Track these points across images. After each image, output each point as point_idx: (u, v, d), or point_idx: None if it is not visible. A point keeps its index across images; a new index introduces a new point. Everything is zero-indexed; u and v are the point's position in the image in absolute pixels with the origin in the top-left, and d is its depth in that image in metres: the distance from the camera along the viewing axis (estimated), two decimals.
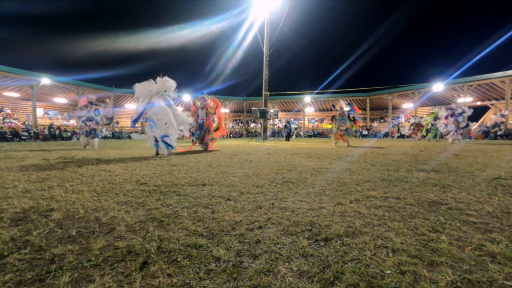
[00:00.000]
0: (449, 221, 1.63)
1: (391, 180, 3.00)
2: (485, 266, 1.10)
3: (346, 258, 1.17)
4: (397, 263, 1.12)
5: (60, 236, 1.43)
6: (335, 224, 1.60)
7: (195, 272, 1.07)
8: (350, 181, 2.96)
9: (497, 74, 22.22)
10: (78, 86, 26.55)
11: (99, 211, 1.88)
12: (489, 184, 2.76)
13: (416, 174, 3.36)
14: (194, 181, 3.00)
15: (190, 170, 3.85)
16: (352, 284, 0.98)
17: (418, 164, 4.37)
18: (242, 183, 2.86)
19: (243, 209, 1.93)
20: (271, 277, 1.03)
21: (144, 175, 3.40)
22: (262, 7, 18.73)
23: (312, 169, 3.87)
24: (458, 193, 2.37)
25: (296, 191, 2.50)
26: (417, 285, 0.97)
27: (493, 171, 3.58)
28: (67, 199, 2.20)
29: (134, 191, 2.48)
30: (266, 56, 18.95)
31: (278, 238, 1.40)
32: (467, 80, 24.07)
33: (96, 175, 3.42)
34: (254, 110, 17.62)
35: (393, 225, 1.56)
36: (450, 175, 3.27)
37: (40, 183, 2.85)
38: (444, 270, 1.06)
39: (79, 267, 1.11)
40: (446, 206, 1.97)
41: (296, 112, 37.49)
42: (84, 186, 2.73)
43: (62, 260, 1.17)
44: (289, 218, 1.72)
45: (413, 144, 11.83)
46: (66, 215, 1.79)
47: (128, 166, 4.25)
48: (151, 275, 1.05)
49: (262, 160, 5.13)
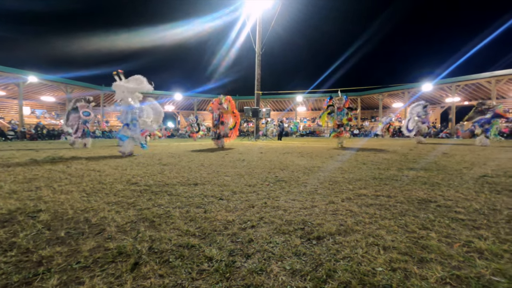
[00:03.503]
0: (438, 219, 1.66)
1: (382, 178, 3.04)
2: (473, 262, 1.12)
3: (338, 256, 1.18)
4: (388, 260, 1.14)
5: (48, 238, 1.40)
6: (327, 222, 1.61)
7: (187, 272, 1.06)
8: (342, 179, 2.98)
9: (484, 75, 22.77)
10: (67, 85, 25.99)
11: (89, 211, 1.84)
12: (476, 182, 2.82)
13: (406, 173, 3.41)
14: (186, 180, 2.97)
15: (182, 169, 3.82)
16: (344, 282, 0.99)
17: (408, 163, 4.44)
18: (234, 182, 2.85)
19: (236, 208, 1.92)
20: (263, 276, 1.03)
21: (135, 174, 3.36)
22: (254, 6, 18.73)
23: (304, 168, 3.89)
24: (446, 191, 2.42)
25: (289, 190, 2.51)
26: (407, 282, 0.98)
27: (480, 169, 3.67)
28: (55, 199, 2.15)
29: (124, 191, 2.45)
30: (258, 55, 18.96)
31: (270, 237, 1.40)
32: (455, 80, 24.59)
33: (86, 175, 3.36)
34: (247, 109, 17.58)
35: (384, 223, 1.58)
36: (439, 173, 3.33)
37: (27, 184, 2.78)
38: (434, 266, 1.08)
39: (68, 269, 1.09)
40: (435, 203, 2.01)
41: (288, 111, 37.60)
42: (73, 186, 2.68)
43: (50, 262, 1.14)
44: (281, 217, 1.72)
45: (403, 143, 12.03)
46: (54, 216, 1.75)
47: (119, 166, 4.19)
48: (142, 276, 1.03)
49: (255, 159, 5.13)
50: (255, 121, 18.84)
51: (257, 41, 18.98)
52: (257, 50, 18.93)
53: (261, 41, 19.04)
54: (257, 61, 18.98)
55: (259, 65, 19.03)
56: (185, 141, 15.87)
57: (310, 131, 33.39)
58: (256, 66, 19.01)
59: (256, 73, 19.01)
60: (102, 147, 9.29)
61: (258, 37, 19.00)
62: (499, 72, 21.84)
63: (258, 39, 18.98)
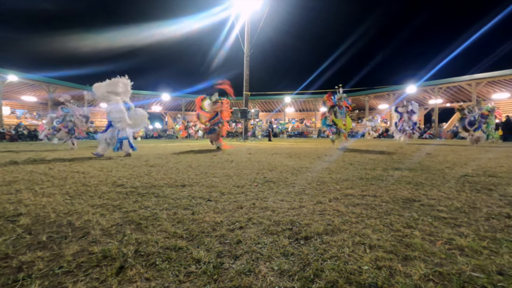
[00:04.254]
0: (421, 217, 1.70)
1: (368, 178, 3.09)
2: (454, 259, 1.16)
3: (326, 255, 1.20)
4: (374, 259, 1.16)
5: (29, 242, 1.35)
6: (315, 222, 1.62)
7: (174, 275, 1.05)
8: (329, 180, 3.02)
9: (464, 78, 23.61)
10: (49, 84, 25.17)
11: (72, 214, 1.79)
12: (457, 181, 2.92)
13: (391, 173, 3.49)
14: (174, 182, 2.94)
15: (170, 170, 3.77)
16: (331, 281, 1.00)
17: (393, 163, 4.54)
18: (223, 184, 2.83)
19: (224, 209, 1.92)
20: (252, 277, 1.03)
21: (120, 176, 3.29)
22: (242, 7, 18.74)
23: (292, 169, 3.92)
24: (430, 190, 2.49)
25: (277, 190, 2.52)
26: (392, 279, 1.00)
27: (461, 169, 3.80)
28: (37, 202, 2.08)
29: (110, 193, 2.39)
30: (247, 56, 18.98)
31: (259, 238, 1.40)
32: (438, 82, 25.41)
33: (69, 177, 3.26)
34: (235, 110, 17.54)
35: (370, 222, 1.61)
36: (422, 173, 3.43)
37: (6, 187, 2.68)
38: (417, 264, 1.11)
39: (50, 275, 1.05)
40: (419, 202, 2.06)
41: (276, 112, 37.77)
42: (55, 189, 2.60)
43: (31, 268, 1.10)
44: (270, 217, 1.73)
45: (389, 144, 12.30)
46: (36, 219, 1.69)
47: (104, 168, 4.09)
48: (128, 280, 1.01)
49: (243, 160, 5.12)
50: (244, 122, 18.83)
51: (245, 42, 19.00)
52: (246, 51, 18.95)
53: (249, 42, 19.07)
54: (246, 62, 19.00)
55: (247, 66, 19.06)
56: (173, 142, 15.67)
57: (299, 132, 33.66)
58: (244, 67, 19.03)
59: (244, 74, 19.03)
60: (87, 148, 9.05)
61: (246, 38, 19.02)
62: (479, 75, 22.72)
63: (246, 40, 19.01)
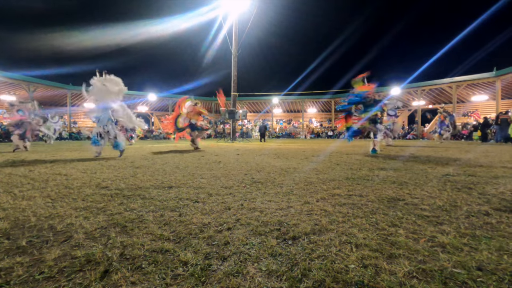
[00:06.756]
0: (405, 216, 1.75)
1: (355, 178, 3.15)
2: (437, 256, 1.19)
3: (313, 255, 1.21)
4: (360, 257, 1.18)
5: (7, 248, 1.30)
6: (302, 222, 1.64)
7: (161, 278, 1.03)
8: (316, 180, 3.05)
9: (445, 80, 24.41)
10: (29, 83, 24.19)
11: (54, 218, 1.73)
12: (439, 180, 3.01)
13: (377, 173, 3.57)
14: (160, 183, 2.89)
15: (156, 172, 3.71)
16: (319, 280, 1.01)
17: (378, 163, 4.64)
18: (210, 185, 2.81)
19: (212, 211, 1.90)
20: (240, 278, 1.03)
21: (105, 178, 3.21)
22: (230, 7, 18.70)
23: (280, 169, 3.94)
24: (413, 189, 2.56)
25: (265, 191, 2.52)
26: (378, 277, 1.02)
27: (443, 169, 3.93)
28: (16, 206, 2.00)
29: (94, 196, 2.33)
30: (235, 57, 18.93)
31: (247, 238, 1.40)
32: (420, 85, 26.16)
33: (51, 179, 3.15)
34: (223, 110, 17.48)
35: (356, 222, 1.64)
36: (406, 173, 3.52)
37: None
38: (402, 261, 1.14)
39: (30, 281, 1.02)
40: (403, 201, 2.11)
41: (264, 113, 37.85)
42: (36, 191, 2.50)
43: (9, 274, 1.06)
44: (258, 218, 1.73)
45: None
46: (15, 224, 1.63)
47: (87, 169, 3.98)
48: (113, 284, 0.99)
49: (231, 161, 5.10)
50: (232, 122, 18.77)
51: (233, 43, 18.96)
52: (234, 51, 18.91)
53: (237, 42, 19.05)
54: (234, 63, 18.95)
55: (235, 66, 19.01)
56: (159, 143, 15.43)
57: (287, 132, 33.85)
58: (232, 67, 18.97)
59: (232, 75, 18.97)
60: (69, 150, 8.78)
61: (234, 38, 18.98)
62: (459, 78, 23.52)
63: (234, 40, 18.97)
